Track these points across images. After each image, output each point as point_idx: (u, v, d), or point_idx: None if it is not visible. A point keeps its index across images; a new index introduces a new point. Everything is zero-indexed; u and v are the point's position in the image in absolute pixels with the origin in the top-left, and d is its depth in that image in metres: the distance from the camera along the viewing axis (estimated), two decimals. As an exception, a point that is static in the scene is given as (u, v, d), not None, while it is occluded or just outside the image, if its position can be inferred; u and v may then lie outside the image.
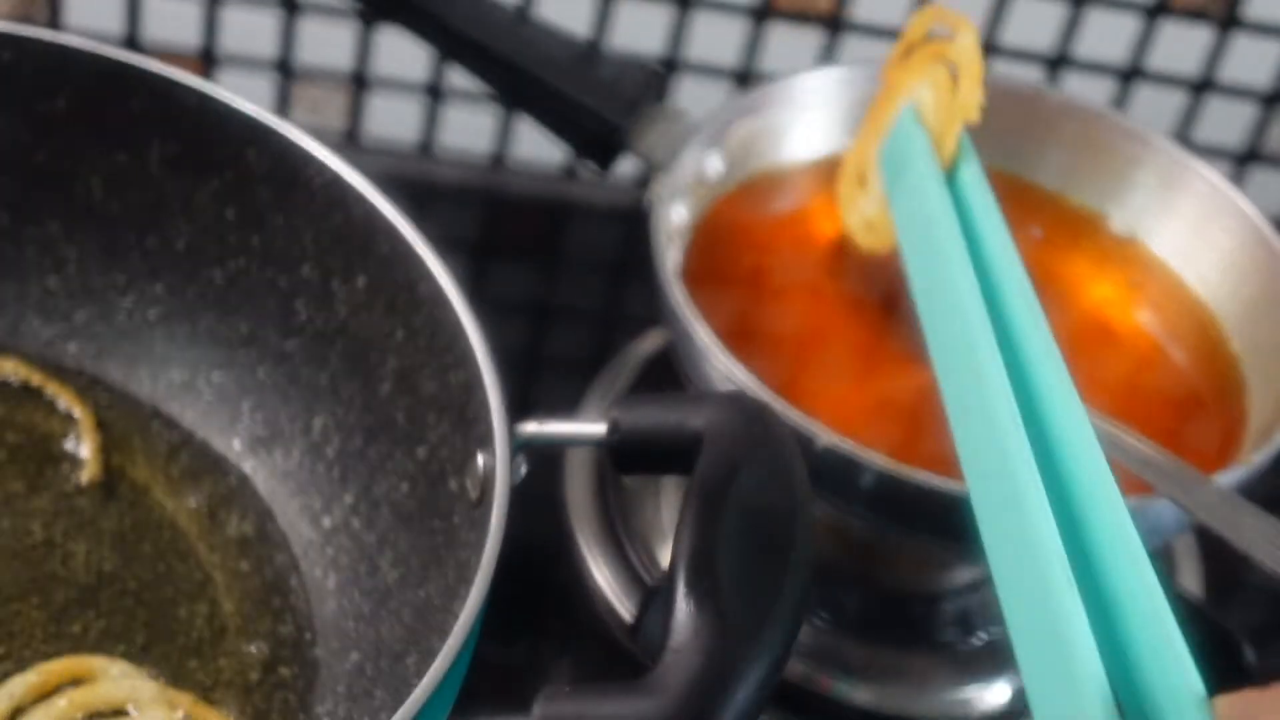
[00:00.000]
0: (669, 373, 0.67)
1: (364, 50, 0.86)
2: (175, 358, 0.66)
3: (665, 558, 0.68)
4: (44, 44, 0.62)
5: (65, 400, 0.64)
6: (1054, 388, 0.49)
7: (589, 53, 0.69)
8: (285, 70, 0.87)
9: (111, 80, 0.62)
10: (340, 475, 0.61)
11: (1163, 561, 0.73)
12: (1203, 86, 0.90)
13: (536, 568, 0.70)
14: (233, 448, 0.64)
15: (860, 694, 0.66)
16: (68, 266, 0.66)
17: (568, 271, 0.89)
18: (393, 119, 0.89)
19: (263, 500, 0.63)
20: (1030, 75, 0.88)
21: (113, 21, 0.84)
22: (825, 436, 0.57)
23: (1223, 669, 0.64)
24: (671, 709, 0.40)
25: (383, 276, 0.59)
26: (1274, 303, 0.67)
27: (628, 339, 0.79)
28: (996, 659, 0.68)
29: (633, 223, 0.72)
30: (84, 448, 0.63)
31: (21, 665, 0.57)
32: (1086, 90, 0.88)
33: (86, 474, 0.62)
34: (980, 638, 0.69)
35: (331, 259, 0.61)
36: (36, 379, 0.65)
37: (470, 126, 0.89)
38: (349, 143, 0.90)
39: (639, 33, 0.86)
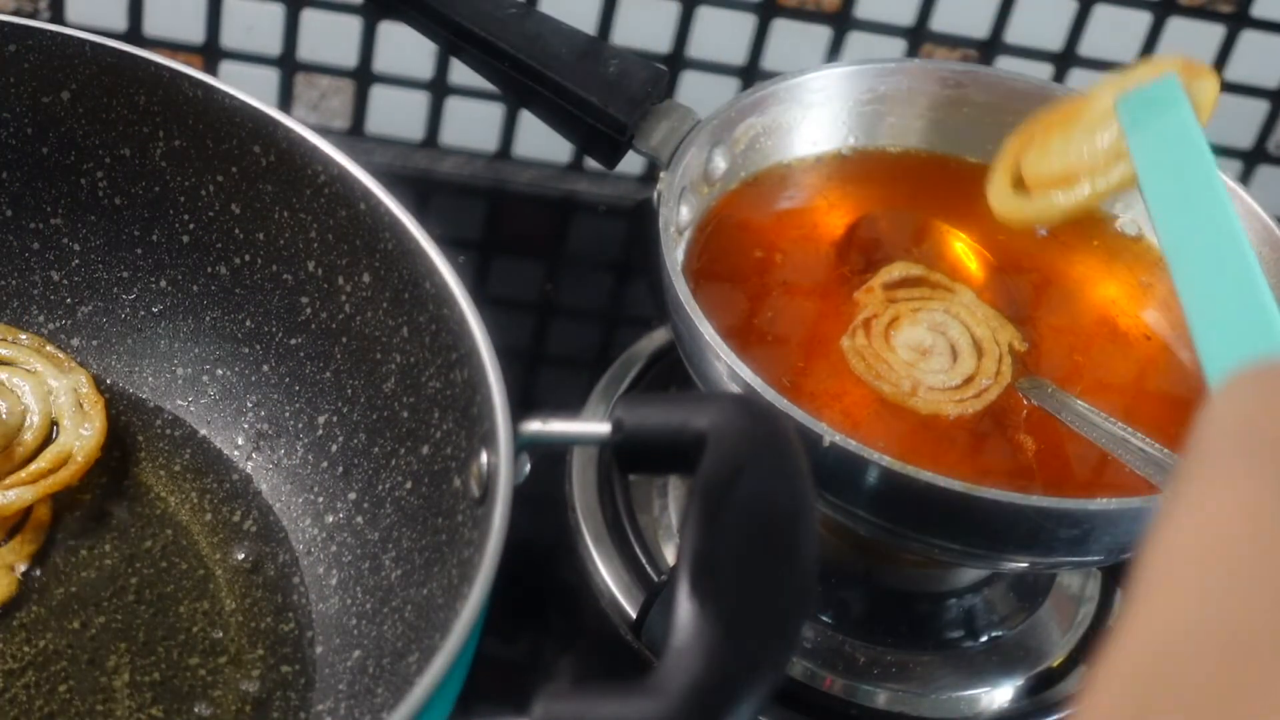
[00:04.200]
0: (674, 370, 0.67)
1: (369, 45, 0.86)
2: (179, 353, 0.66)
3: (672, 553, 0.68)
4: (48, 37, 0.62)
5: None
6: None
7: (594, 49, 0.68)
8: (290, 65, 0.87)
9: (116, 74, 0.62)
10: (344, 472, 0.61)
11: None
12: (1211, 85, 0.89)
13: (540, 566, 0.70)
14: (236, 444, 0.64)
15: (864, 694, 0.66)
16: (71, 260, 0.66)
17: (572, 268, 0.89)
18: (397, 114, 0.89)
19: (265, 497, 0.63)
20: (1038, 72, 0.88)
21: (116, 15, 0.84)
22: (830, 434, 0.56)
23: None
24: (672, 709, 0.40)
25: (387, 272, 0.58)
26: (1282, 303, 0.67)
27: (632, 336, 0.78)
28: (1001, 659, 0.68)
29: (637, 219, 0.72)
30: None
31: (21, 664, 0.57)
32: (1094, 88, 0.88)
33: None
34: (985, 638, 0.69)
35: (336, 255, 0.61)
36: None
37: (475, 122, 0.89)
38: (354, 138, 0.89)
39: (644, 29, 0.85)
